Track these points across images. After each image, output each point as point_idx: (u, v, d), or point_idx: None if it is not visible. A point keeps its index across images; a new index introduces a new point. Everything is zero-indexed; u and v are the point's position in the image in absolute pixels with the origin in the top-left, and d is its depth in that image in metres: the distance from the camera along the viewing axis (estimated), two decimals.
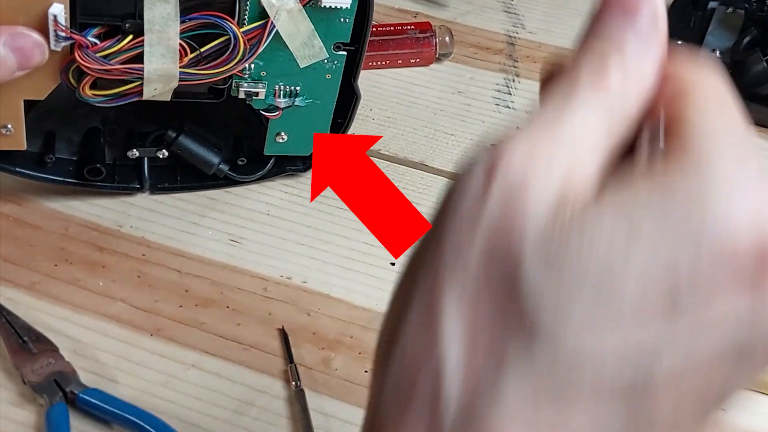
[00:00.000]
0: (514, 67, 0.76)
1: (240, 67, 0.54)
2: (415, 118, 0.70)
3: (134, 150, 0.60)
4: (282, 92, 0.58)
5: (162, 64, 0.52)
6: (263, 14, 0.53)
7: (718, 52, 0.73)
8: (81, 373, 0.51)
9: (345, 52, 0.57)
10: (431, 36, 0.75)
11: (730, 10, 0.77)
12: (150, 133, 0.60)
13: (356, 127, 0.68)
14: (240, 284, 0.56)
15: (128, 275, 0.57)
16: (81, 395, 0.49)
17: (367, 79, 0.74)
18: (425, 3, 0.82)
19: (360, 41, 0.58)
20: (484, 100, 0.72)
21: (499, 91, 0.73)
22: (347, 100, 0.61)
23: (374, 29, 0.75)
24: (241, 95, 0.57)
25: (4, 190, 0.62)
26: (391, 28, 0.75)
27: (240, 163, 0.62)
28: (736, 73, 0.70)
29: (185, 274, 0.57)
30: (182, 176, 0.62)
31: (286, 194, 0.62)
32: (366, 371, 0.51)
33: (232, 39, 0.52)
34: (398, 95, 0.72)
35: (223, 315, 0.54)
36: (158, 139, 0.60)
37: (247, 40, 0.53)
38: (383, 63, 0.75)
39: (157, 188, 0.62)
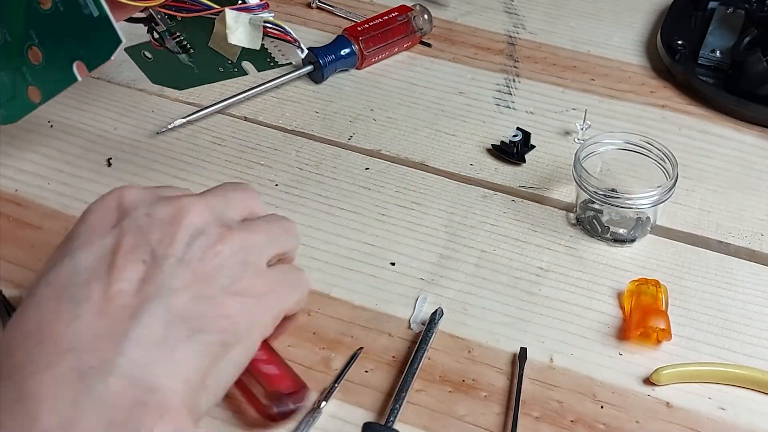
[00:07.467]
0: (515, 67, 0.76)
1: None
2: (416, 119, 0.70)
3: None
4: None
5: None
6: None
7: (718, 52, 0.73)
8: None
9: None
10: (411, 17, 0.77)
11: (730, 10, 0.77)
12: None
13: (358, 129, 0.69)
14: None
15: None
16: None
17: (368, 80, 0.74)
18: (425, 3, 0.82)
19: None
20: (484, 100, 0.72)
21: (499, 91, 0.73)
22: None
23: (371, 24, 0.75)
24: None
25: (4, 190, 0.62)
26: (380, 20, 0.76)
27: None
28: (736, 73, 0.70)
29: None
30: None
31: (286, 194, 0.62)
32: (366, 371, 0.51)
33: None
34: (399, 96, 0.72)
35: None
36: None
37: None
38: (385, 55, 0.76)
39: None
